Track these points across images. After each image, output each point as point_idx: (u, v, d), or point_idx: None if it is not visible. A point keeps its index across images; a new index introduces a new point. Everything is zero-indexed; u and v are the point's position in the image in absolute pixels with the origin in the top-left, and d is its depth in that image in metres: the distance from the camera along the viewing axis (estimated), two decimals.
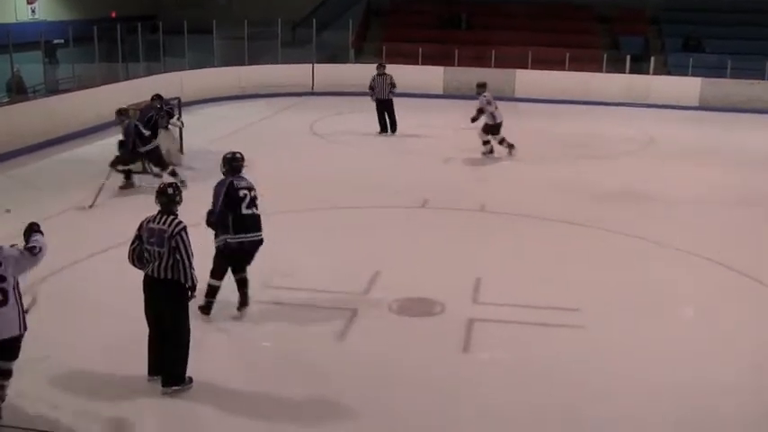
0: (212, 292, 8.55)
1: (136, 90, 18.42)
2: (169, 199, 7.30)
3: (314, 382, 7.29)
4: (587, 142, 18.88)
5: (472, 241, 11.37)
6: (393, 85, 18.93)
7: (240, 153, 8.80)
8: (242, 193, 8.54)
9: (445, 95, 24.40)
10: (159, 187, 7.52)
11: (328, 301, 9.02)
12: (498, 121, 16.10)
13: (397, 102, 19.16)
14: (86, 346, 7.88)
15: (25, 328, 6.45)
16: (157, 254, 7.07)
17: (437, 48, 26.34)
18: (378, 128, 19.02)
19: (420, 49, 25.85)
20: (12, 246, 6.73)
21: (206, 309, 8.50)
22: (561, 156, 17.32)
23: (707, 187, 14.83)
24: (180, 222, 7.17)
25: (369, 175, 14.61)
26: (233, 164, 8.68)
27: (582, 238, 11.65)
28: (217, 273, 8.58)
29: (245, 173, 8.81)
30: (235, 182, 8.57)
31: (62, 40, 21.40)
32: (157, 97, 14.99)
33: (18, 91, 17.92)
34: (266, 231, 11.69)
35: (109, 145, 16.15)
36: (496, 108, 16.10)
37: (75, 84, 19.93)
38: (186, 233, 7.13)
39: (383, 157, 14.95)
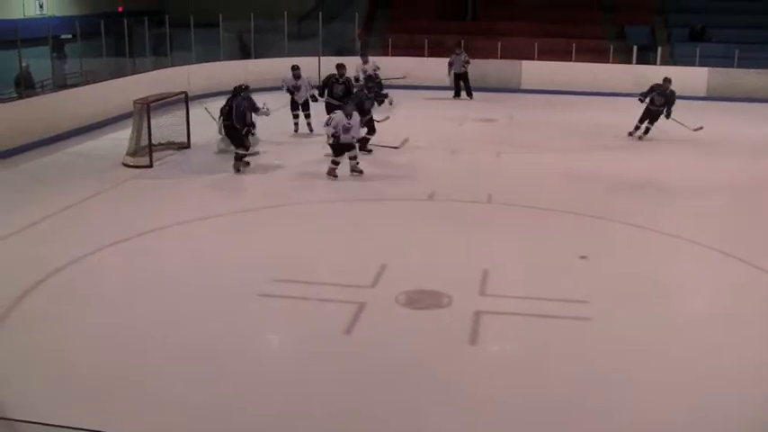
0: None
1: (143, 84, 18.44)
2: None
3: (321, 375, 7.33)
4: (594, 133, 18.86)
5: (479, 233, 11.40)
6: (467, 62, 23.33)
7: None
8: None
9: (451, 87, 24.40)
10: None
11: (336, 295, 9.05)
12: None
13: (403, 94, 19.31)
14: (92, 340, 7.93)
15: None
16: None
17: (443, 39, 26.30)
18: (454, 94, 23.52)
19: (426, 41, 25.82)
20: None
21: None
22: (568, 147, 17.32)
23: (717, 177, 14.82)
24: None
25: (375, 167, 14.60)
26: None
27: (589, 230, 11.66)
28: None
29: None
30: None
31: (69, 35, 21.43)
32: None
33: (26, 86, 17.97)
34: (273, 225, 11.84)
35: (117, 139, 16.31)
36: None
37: (82, 78, 19.98)
38: None
39: (389, 149, 14.97)
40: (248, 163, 14.53)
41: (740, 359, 7.73)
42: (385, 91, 16.90)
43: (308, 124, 18.13)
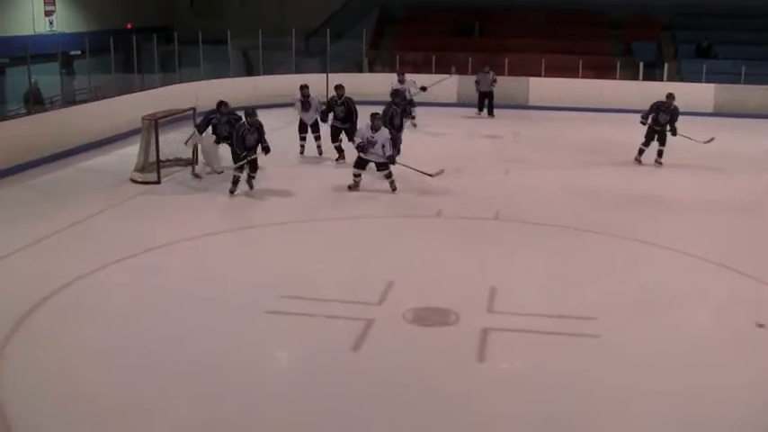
0: None
1: (151, 100, 18.55)
2: None
3: (328, 392, 7.31)
4: (601, 149, 18.86)
5: (486, 250, 11.39)
6: (495, 81, 23.44)
7: None
8: None
9: (459, 104, 24.43)
10: None
11: (343, 311, 9.05)
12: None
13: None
14: (98, 357, 7.94)
15: None
16: None
17: (450, 56, 26.36)
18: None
19: (434, 57, 25.88)
20: None
21: None
22: (575, 163, 17.32)
23: (723, 194, 14.81)
24: None
25: (382, 185, 14.62)
26: None
27: (597, 246, 11.66)
28: None
29: None
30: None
31: (79, 52, 21.56)
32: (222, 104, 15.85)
33: (35, 102, 18.06)
34: (280, 241, 11.86)
35: (126, 155, 16.34)
36: None
37: (91, 95, 20.06)
38: None
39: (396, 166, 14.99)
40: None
41: (751, 375, 7.70)
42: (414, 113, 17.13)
43: (318, 147, 17.48)
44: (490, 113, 23.57)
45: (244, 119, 14.25)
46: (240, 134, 13.95)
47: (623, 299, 9.48)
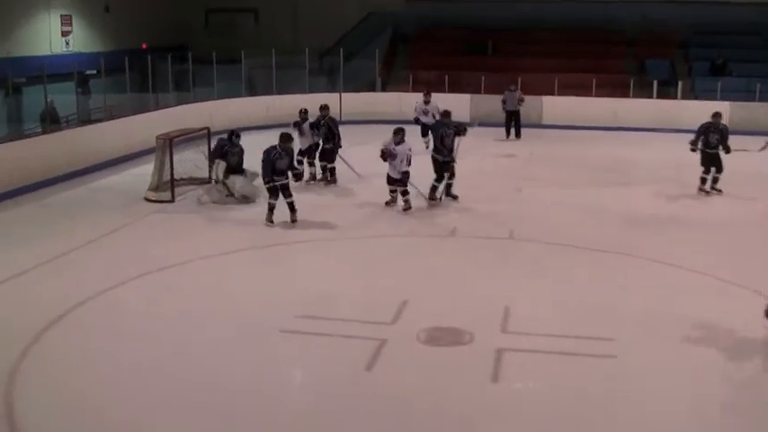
0: None
1: (166, 120, 18.64)
2: None
3: (341, 412, 7.30)
4: (616, 168, 18.83)
5: (501, 269, 11.37)
6: (522, 100, 22.97)
7: None
8: None
9: (472, 122, 24.45)
10: None
11: (356, 331, 9.03)
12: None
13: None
14: (112, 375, 7.96)
15: None
16: None
17: (463, 75, 26.40)
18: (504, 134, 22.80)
19: (447, 77, 25.92)
20: None
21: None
22: (590, 182, 17.28)
23: (739, 212, 14.73)
24: None
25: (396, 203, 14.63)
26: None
27: (612, 266, 11.61)
28: None
29: None
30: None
31: (94, 71, 21.69)
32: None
33: (51, 121, 18.16)
34: (294, 260, 11.87)
35: (140, 174, 16.42)
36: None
37: (106, 114, 20.17)
38: None
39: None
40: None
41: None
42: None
43: (311, 173, 17.04)
44: (517, 135, 23.02)
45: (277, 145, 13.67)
46: (271, 158, 13.40)
47: (640, 319, 9.40)
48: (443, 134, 15.04)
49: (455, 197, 15.01)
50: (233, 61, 24.35)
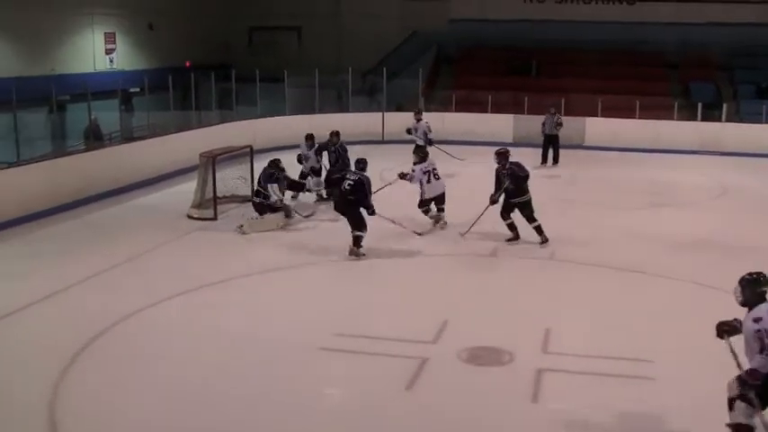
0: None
1: (209, 137, 18.76)
2: None
3: (383, 429, 7.26)
4: (659, 191, 18.64)
5: (542, 290, 11.29)
6: (560, 124, 21.83)
7: None
8: None
9: (514, 143, 24.34)
10: None
11: (397, 350, 9.00)
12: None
13: (466, 150, 19.27)
14: (151, 394, 7.99)
15: None
16: None
17: (507, 95, 26.35)
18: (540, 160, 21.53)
19: (490, 97, 25.88)
20: None
21: None
22: (632, 204, 17.12)
23: None
24: None
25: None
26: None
27: (654, 288, 11.46)
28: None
29: None
30: None
31: (138, 89, 21.94)
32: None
33: (95, 138, 18.38)
34: (335, 279, 11.86)
35: (183, 191, 16.49)
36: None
37: (149, 131, 20.36)
38: None
39: (453, 202, 14.91)
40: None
41: None
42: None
43: (317, 193, 16.75)
44: (555, 161, 22.03)
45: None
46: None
47: (680, 342, 9.26)
48: (501, 174, 13.87)
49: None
50: (276, 80, 24.48)
